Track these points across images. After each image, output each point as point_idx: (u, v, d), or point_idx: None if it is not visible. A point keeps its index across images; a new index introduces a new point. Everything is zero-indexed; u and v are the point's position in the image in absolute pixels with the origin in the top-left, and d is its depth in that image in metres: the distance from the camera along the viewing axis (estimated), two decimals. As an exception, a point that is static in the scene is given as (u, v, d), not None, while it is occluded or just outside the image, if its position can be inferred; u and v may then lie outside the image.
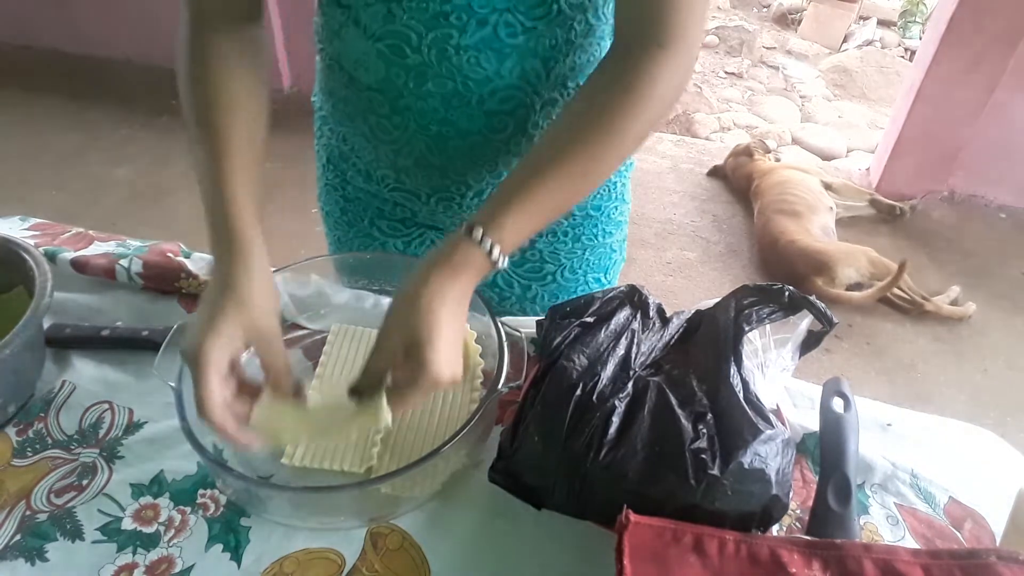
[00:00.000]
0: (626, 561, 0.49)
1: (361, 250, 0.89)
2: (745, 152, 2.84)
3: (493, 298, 0.89)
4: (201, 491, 0.60)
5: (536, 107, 0.69)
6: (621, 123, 0.59)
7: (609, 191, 0.84)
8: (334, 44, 0.71)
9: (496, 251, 0.56)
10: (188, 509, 0.59)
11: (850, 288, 2.26)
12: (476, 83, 0.66)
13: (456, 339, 0.55)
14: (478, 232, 0.56)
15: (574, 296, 0.88)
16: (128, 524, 0.58)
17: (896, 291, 2.27)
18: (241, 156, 0.60)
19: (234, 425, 0.53)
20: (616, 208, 0.87)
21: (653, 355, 0.63)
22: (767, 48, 4.46)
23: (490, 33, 0.63)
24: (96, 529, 0.57)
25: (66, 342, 0.72)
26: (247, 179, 0.60)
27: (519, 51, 0.65)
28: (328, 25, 0.70)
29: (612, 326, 0.64)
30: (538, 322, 0.68)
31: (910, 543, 0.58)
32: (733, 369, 0.58)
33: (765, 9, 5.02)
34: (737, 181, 2.84)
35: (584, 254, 0.87)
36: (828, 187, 2.66)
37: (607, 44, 0.72)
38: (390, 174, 0.79)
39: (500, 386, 0.58)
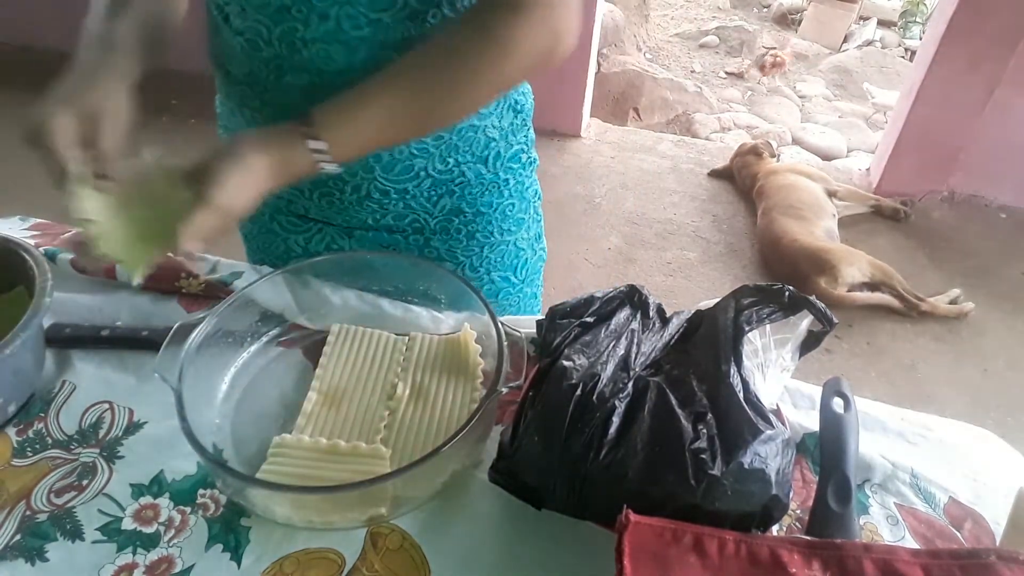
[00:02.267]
0: (626, 561, 0.49)
1: (268, 245, 0.90)
2: (752, 151, 2.84)
3: None
4: (201, 491, 0.60)
5: None
6: (472, 60, 0.61)
7: (499, 188, 0.84)
8: (213, 41, 0.74)
9: (324, 155, 0.60)
10: (188, 509, 0.59)
11: (852, 290, 2.27)
12: (331, 75, 0.67)
13: (246, 190, 0.58)
14: (308, 128, 0.59)
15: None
16: (128, 524, 0.58)
17: (892, 293, 2.27)
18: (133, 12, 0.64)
19: (81, 181, 0.56)
20: (512, 206, 0.86)
21: (653, 355, 0.63)
22: (767, 48, 4.46)
23: (334, 26, 0.64)
24: (96, 529, 0.57)
25: (66, 342, 0.72)
26: (130, 26, 0.64)
27: (367, 43, 0.66)
28: (211, 24, 0.73)
29: (612, 326, 0.64)
30: (538, 322, 0.68)
31: (910, 543, 0.58)
32: (733, 369, 0.58)
33: (765, 9, 5.02)
34: (742, 180, 2.84)
35: (483, 252, 0.87)
36: (832, 194, 2.66)
37: None
38: None
39: (500, 386, 0.58)
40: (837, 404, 0.63)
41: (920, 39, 3.80)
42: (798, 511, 0.60)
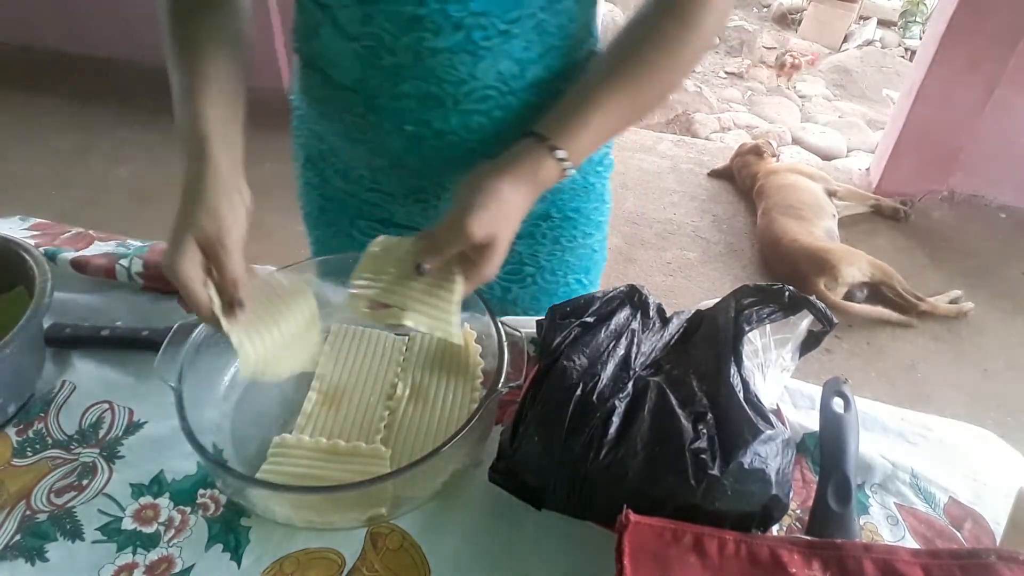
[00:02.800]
0: (626, 561, 0.49)
1: (342, 251, 0.89)
2: (753, 151, 2.84)
3: (491, 298, 0.89)
4: (201, 491, 0.60)
5: (512, 108, 0.70)
6: (675, 49, 0.64)
7: (587, 192, 0.84)
8: (311, 44, 0.72)
9: (567, 163, 0.62)
10: (188, 509, 0.59)
11: (852, 290, 2.27)
12: (451, 84, 0.66)
13: (509, 226, 0.61)
14: (549, 141, 0.61)
15: (554, 298, 0.88)
16: (128, 524, 0.58)
17: (892, 293, 2.28)
18: (217, 81, 0.62)
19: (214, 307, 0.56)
20: (596, 209, 0.87)
21: (653, 355, 0.63)
22: (767, 48, 4.46)
23: (464, 36, 0.64)
24: (96, 529, 0.57)
25: (66, 342, 0.72)
26: (217, 93, 0.62)
27: (493, 53, 0.65)
28: (306, 24, 0.71)
29: (612, 326, 0.64)
30: (538, 322, 0.68)
31: (910, 543, 0.58)
32: (733, 369, 0.58)
33: (765, 9, 5.02)
34: (743, 180, 2.84)
35: (563, 255, 0.87)
36: (832, 194, 2.66)
37: (586, 49, 0.74)
38: (366, 174, 0.79)
39: (500, 386, 0.58)
40: (837, 404, 0.63)
41: (920, 39, 3.80)
42: (798, 511, 0.60)
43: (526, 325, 0.69)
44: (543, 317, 0.66)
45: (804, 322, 0.64)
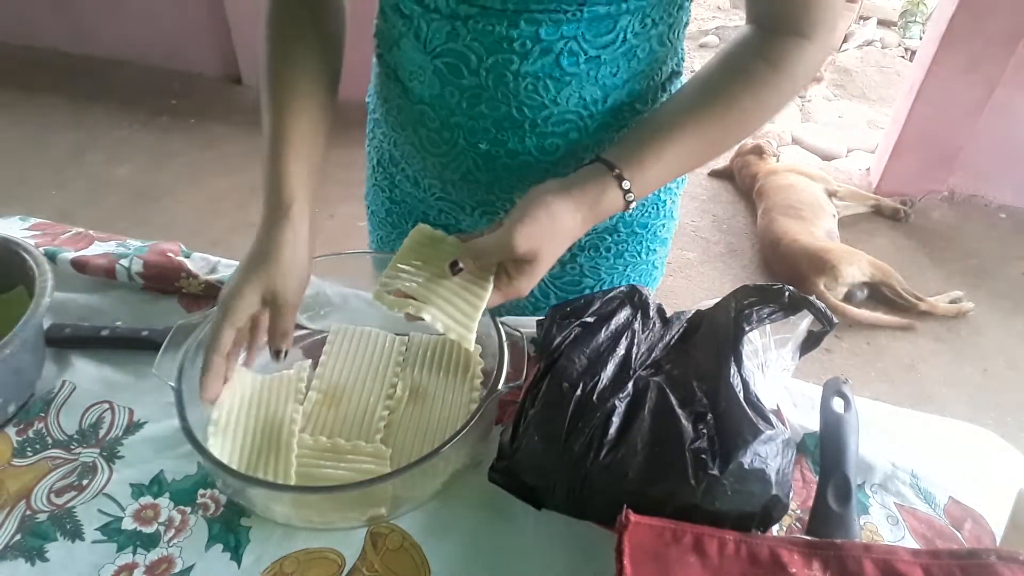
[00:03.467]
0: (626, 561, 0.49)
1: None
2: (753, 151, 2.84)
3: (527, 308, 0.87)
4: (201, 491, 0.60)
5: (589, 130, 0.69)
6: (763, 93, 0.62)
7: (657, 208, 0.82)
8: (393, 53, 0.71)
9: (631, 195, 0.60)
10: (188, 509, 0.59)
11: (852, 290, 2.27)
12: (531, 109, 0.66)
13: (555, 246, 0.60)
14: (617, 170, 0.60)
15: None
16: (128, 524, 0.58)
17: (890, 293, 2.28)
18: (300, 133, 0.64)
19: (217, 373, 0.59)
20: (663, 226, 0.85)
21: (653, 355, 0.63)
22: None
23: (552, 61, 0.62)
24: (96, 529, 0.57)
25: (66, 342, 0.72)
26: (303, 155, 0.64)
27: (579, 79, 0.64)
28: (388, 33, 0.70)
29: (612, 326, 0.64)
30: (538, 322, 0.68)
31: (910, 543, 0.58)
32: (733, 369, 0.58)
33: (765, 9, 5.01)
34: (743, 180, 2.84)
35: (625, 271, 0.85)
36: (832, 194, 2.66)
37: (668, 70, 0.72)
38: (436, 184, 0.79)
39: (500, 386, 0.58)
40: (837, 404, 0.63)
41: (920, 39, 3.80)
42: (798, 511, 0.60)
43: (526, 325, 0.69)
44: (543, 317, 0.67)
45: (804, 322, 0.64)
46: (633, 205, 0.61)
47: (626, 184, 0.60)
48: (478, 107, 0.66)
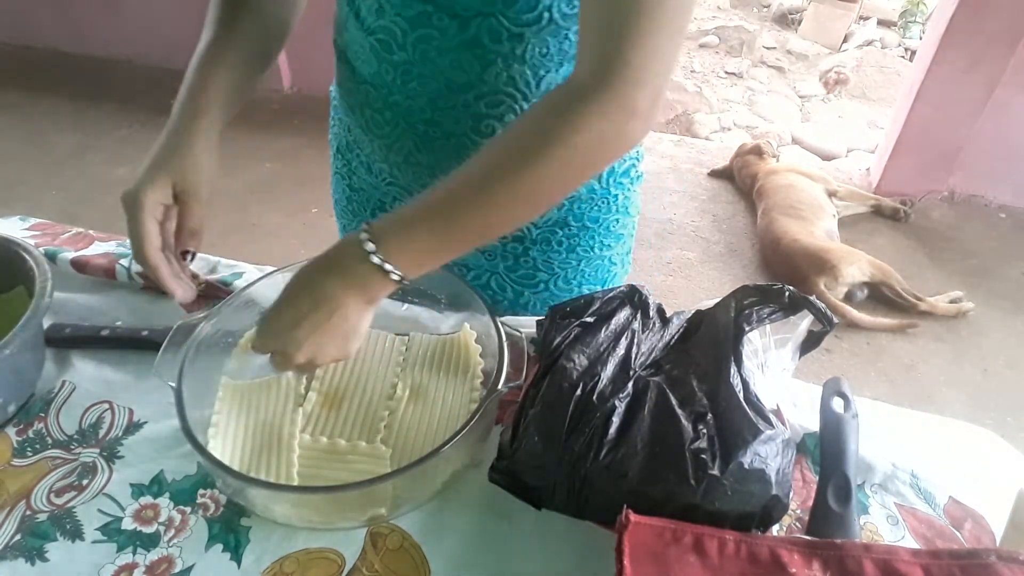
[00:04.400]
0: (626, 561, 0.49)
1: None
2: (753, 151, 2.84)
3: (492, 301, 0.88)
4: (201, 491, 0.60)
5: None
6: (541, 166, 0.53)
7: (608, 203, 0.82)
8: (343, 36, 0.73)
9: (389, 265, 0.54)
10: (188, 509, 0.59)
11: (852, 290, 2.27)
12: (460, 86, 0.66)
13: (304, 337, 0.55)
14: (370, 246, 0.53)
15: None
16: (128, 524, 0.58)
17: (890, 293, 2.28)
18: (227, 66, 0.66)
19: (168, 268, 0.59)
20: (617, 221, 0.84)
21: (653, 355, 0.63)
22: (767, 48, 4.46)
23: (472, 36, 0.63)
24: (96, 529, 0.57)
25: (66, 342, 0.72)
26: (222, 88, 0.66)
27: (504, 57, 0.64)
28: (339, 16, 0.73)
29: (612, 326, 0.64)
30: (538, 322, 0.68)
31: (910, 543, 0.58)
32: (733, 369, 0.58)
33: (765, 9, 5.01)
34: (742, 180, 2.84)
35: (579, 265, 0.85)
36: (833, 194, 2.66)
37: None
38: (385, 168, 0.80)
39: (500, 386, 0.58)
40: (837, 404, 0.63)
41: (920, 39, 3.80)
42: (798, 511, 0.60)
43: (526, 325, 0.69)
44: (543, 317, 0.67)
45: (804, 322, 0.64)
46: (403, 282, 0.55)
47: (375, 259, 0.53)
48: (410, 84, 0.67)
